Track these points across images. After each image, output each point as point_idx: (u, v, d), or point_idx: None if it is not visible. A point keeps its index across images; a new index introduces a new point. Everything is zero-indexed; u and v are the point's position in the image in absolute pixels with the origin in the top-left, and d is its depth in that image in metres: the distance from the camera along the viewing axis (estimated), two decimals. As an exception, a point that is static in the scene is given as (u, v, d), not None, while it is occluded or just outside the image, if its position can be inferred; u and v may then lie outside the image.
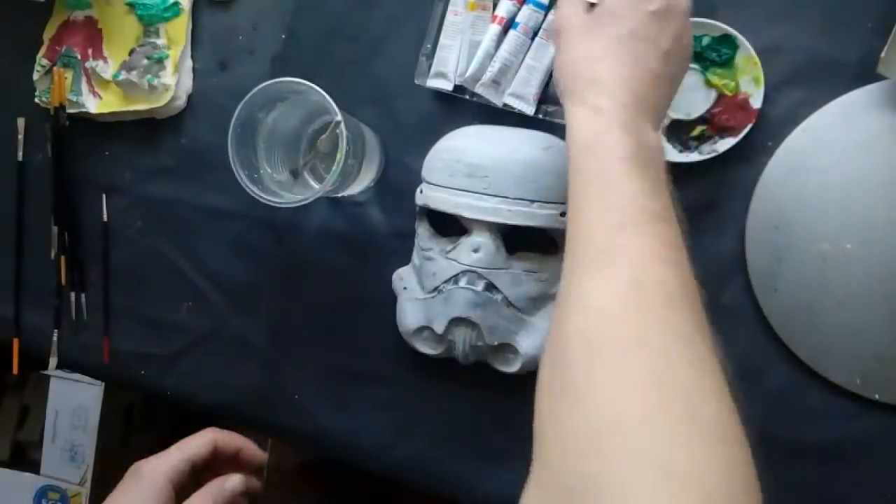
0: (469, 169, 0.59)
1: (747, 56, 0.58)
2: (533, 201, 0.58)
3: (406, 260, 0.67)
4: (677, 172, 0.59)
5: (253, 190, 0.58)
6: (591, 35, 0.48)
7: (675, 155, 0.60)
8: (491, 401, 0.65)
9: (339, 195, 0.65)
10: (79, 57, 0.72)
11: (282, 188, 0.63)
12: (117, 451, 1.19)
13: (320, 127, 0.66)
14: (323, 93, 0.56)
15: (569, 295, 0.42)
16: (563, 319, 0.41)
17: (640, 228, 0.42)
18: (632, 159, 0.44)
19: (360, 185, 0.65)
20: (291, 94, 0.60)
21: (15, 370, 0.76)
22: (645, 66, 0.47)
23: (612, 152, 0.44)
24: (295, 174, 0.64)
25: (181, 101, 0.72)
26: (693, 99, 0.60)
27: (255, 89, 0.58)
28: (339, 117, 0.56)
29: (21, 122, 0.76)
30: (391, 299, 0.66)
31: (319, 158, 0.65)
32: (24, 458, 1.25)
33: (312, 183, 0.66)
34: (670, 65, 0.48)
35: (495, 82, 0.63)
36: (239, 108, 0.58)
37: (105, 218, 0.74)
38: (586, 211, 0.44)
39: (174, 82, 0.70)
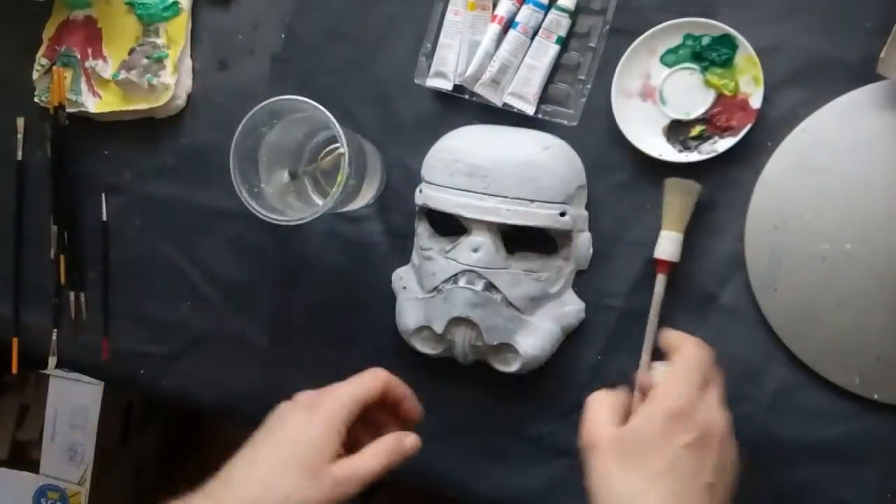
0: (469, 169, 0.59)
1: (747, 56, 0.58)
2: (532, 201, 0.58)
3: (405, 260, 0.67)
4: (677, 172, 0.60)
5: (252, 205, 0.58)
6: (625, 464, 0.46)
7: (675, 155, 0.60)
8: (490, 400, 0.65)
9: (340, 211, 0.65)
10: (78, 56, 0.72)
11: (279, 195, 0.63)
12: (117, 451, 1.19)
13: (323, 140, 0.66)
14: (329, 115, 0.56)
15: None
16: None
17: None
18: None
19: (360, 202, 0.65)
20: (295, 110, 0.60)
21: (14, 369, 0.76)
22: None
23: None
24: (293, 176, 0.64)
25: (181, 101, 0.72)
26: (692, 99, 0.60)
27: (259, 106, 0.58)
28: (343, 148, 0.56)
29: (20, 121, 0.76)
30: (390, 299, 0.66)
31: (321, 172, 0.65)
32: (24, 457, 1.25)
33: (312, 193, 0.66)
34: (716, 496, 0.45)
35: (495, 82, 0.63)
36: (241, 124, 0.58)
37: (104, 217, 0.74)
38: None
39: (174, 82, 0.70)
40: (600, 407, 0.50)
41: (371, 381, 0.52)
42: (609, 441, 0.47)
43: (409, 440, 0.52)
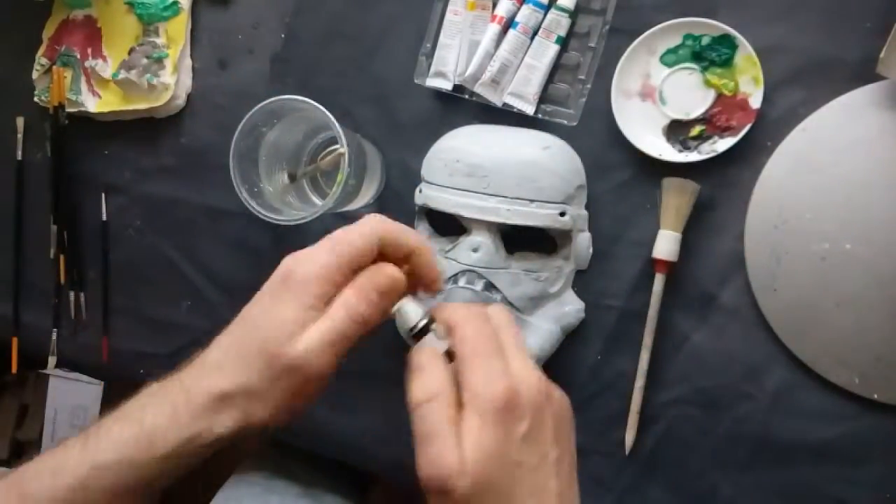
0: (468, 168, 0.59)
1: (747, 56, 0.58)
2: (532, 201, 0.58)
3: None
4: (677, 172, 0.60)
5: (252, 205, 0.58)
6: (489, 494, 0.38)
7: (675, 155, 0.60)
8: (490, 400, 0.65)
9: (339, 211, 0.65)
10: (78, 56, 0.72)
11: (278, 195, 0.63)
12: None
13: (323, 141, 0.66)
14: (329, 114, 0.56)
15: None
16: None
17: None
18: None
19: (360, 201, 0.65)
20: (295, 110, 0.60)
21: (14, 369, 0.76)
22: (564, 496, 0.39)
23: None
24: (293, 178, 0.64)
25: (180, 101, 0.72)
26: (692, 99, 0.60)
27: (259, 106, 0.58)
28: (343, 148, 0.56)
29: (20, 121, 0.76)
30: (390, 299, 0.66)
31: (320, 173, 0.65)
32: (24, 457, 1.25)
33: (310, 193, 0.66)
34: (565, 462, 0.41)
35: (495, 81, 0.63)
36: (241, 123, 0.58)
37: (104, 217, 0.74)
38: None
39: (173, 81, 0.70)
40: (441, 422, 0.39)
41: (359, 238, 0.43)
42: (464, 477, 0.37)
43: (386, 270, 0.42)
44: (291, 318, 0.41)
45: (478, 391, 0.39)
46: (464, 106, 0.65)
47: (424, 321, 0.43)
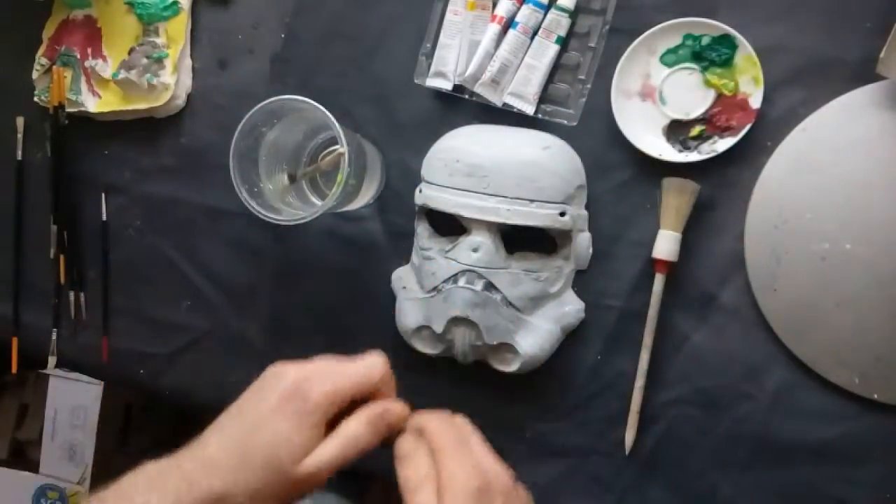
0: (468, 168, 0.59)
1: (747, 56, 0.58)
2: (532, 201, 0.58)
3: (405, 259, 0.67)
4: (677, 172, 0.60)
5: (252, 205, 0.58)
6: None
7: (675, 155, 0.60)
8: (490, 400, 0.65)
9: (339, 211, 0.65)
10: (78, 56, 0.72)
11: (278, 195, 0.63)
12: (116, 451, 1.19)
13: (323, 141, 0.66)
14: (329, 114, 0.56)
15: None
16: None
17: None
18: None
19: (360, 202, 0.65)
20: (295, 110, 0.60)
21: (14, 369, 0.76)
22: None
23: None
24: (292, 179, 0.64)
25: (180, 101, 0.72)
26: (692, 99, 0.60)
27: (259, 105, 0.58)
28: (343, 148, 0.56)
29: (20, 120, 0.76)
30: (390, 298, 0.66)
31: (320, 173, 0.65)
32: (23, 456, 1.25)
33: (310, 194, 0.66)
34: None
35: (495, 81, 0.63)
36: (241, 123, 0.58)
37: (104, 217, 0.74)
38: None
39: (173, 81, 0.70)
40: None
41: (365, 376, 0.47)
42: None
43: (394, 409, 0.46)
44: (301, 441, 0.44)
45: (456, 476, 0.43)
46: (464, 106, 0.65)
47: None
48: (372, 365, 0.47)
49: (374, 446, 0.45)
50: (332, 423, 0.45)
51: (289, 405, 0.45)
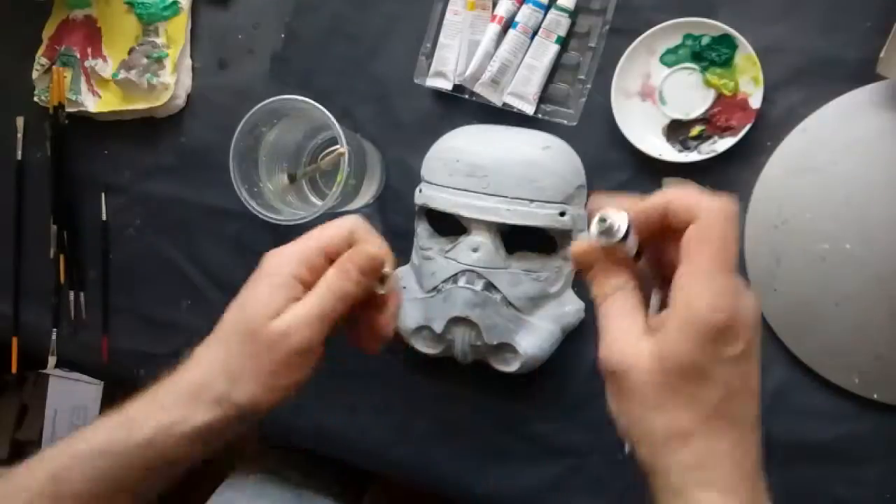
0: (468, 168, 0.59)
1: (746, 56, 0.58)
2: (532, 201, 0.58)
3: (405, 259, 0.67)
4: (677, 172, 0.60)
5: (252, 205, 0.58)
6: (668, 397, 0.36)
7: (674, 155, 0.60)
8: (490, 400, 0.65)
9: (339, 211, 0.65)
10: (78, 56, 0.72)
11: (278, 195, 0.63)
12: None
13: (323, 141, 0.66)
14: (328, 114, 0.56)
15: None
16: None
17: None
18: None
19: (360, 201, 0.65)
20: (295, 109, 0.60)
21: (14, 369, 0.76)
22: (744, 427, 0.37)
23: None
24: (292, 179, 0.64)
25: (180, 100, 0.72)
26: (692, 99, 0.60)
27: (259, 105, 0.58)
28: (343, 147, 0.56)
29: (20, 120, 0.76)
30: (390, 299, 0.66)
31: (320, 173, 0.65)
32: (23, 456, 1.24)
33: (310, 194, 0.66)
34: (756, 398, 0.37)
35: (495, 81, 0.63)
36: (241, 123, 0.58)
37: (104, 217, 0.74)
38: None
39: (173, 81, 0.70)
40: (624, 311, 0.38)
41: (331, 227, 0.45)
42: (648, 364, 0.36)
43: (368, 249, 0.44)
44: (267, 295, 0.43)
45: (698, 306, 0.35)
46: (464, 106, 0.65)
47: (625, 228, 0.38)
48: (340, 222, 0.46)
49: (358, 294, 0.44)
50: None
51: (256, 276, 0.45)
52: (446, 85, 0.65)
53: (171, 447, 0.42)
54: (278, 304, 0.43)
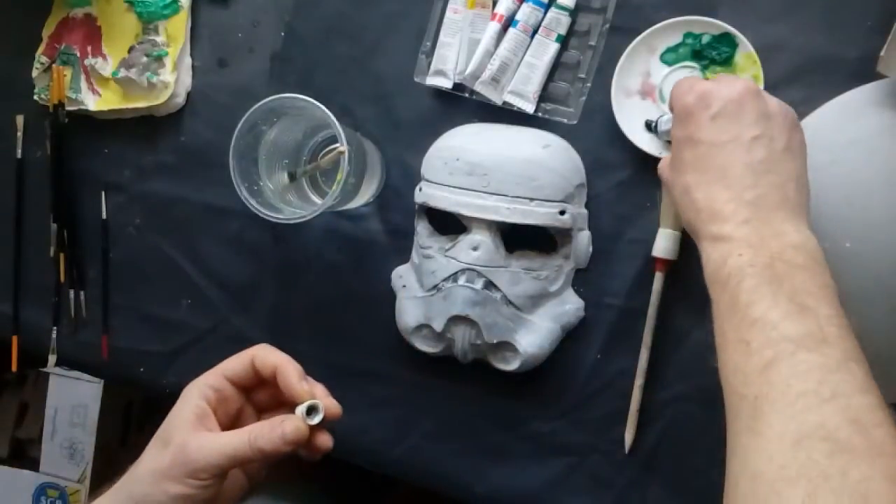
0: (468, 167, 0.59)
1: (747, 54, 0.58)
2: (532, 199, 0.58)
3: (405, 258, 0.67)
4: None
5: (252, 203, 0.58)
6: (679, 170, 0.49)
7: (675, 153, 0.60)
8: (490, 399, 0.65)
9: (339, 209, 0.65)
10: (78, 54, 0.72)
11: (278, 193, 0.63)
12: (116, 449, 1.19)
13: (323, 140, 0.66)
14: (328, 113, 0.56)
15: (733, 454, 0.39)
16: (733, 484, 0.38)
17: (785, 366, 0.38)
18: (762, 281, 0.41)
19: (359, 200, 0.65)
20: (294, 108, 0.60)
21: (14, 367, 0.76)
22: (764, 170, 0.46)
23: (739, 282, 0.42)
24: (292, 177, 0.64)
25: (180, 99, 0.72)
26: (693, 97, 0.60)
27: (259, 104, 0.58)
28: (343, 146, 0.56)
29: (20, 119, 0.76)
30: (390, 297, 0.66)
31: (320, 172, 0.65)
32: (24, 455, 1.25)
33: (309, 192, 0.66)
34: (794, 157, 0.47)
35: (495, 80, 0.63)
36: (241, 122, 0.58)
37: (104, 215, 0.74)
38: (728, 353, 0.42)
39: (173, 80, 0.70)
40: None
41: (234, 361, 0.51)
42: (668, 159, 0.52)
43: (285, 426, 0.47)
44: (179, 412, 0.49)
45: (670, 101, 0.51)
46: (464, 104, 0.65)
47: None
48: (240, 356, 0.51)
49: (274, 456, 0.47)
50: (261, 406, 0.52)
51: (180, 397, 0.50)
52: (446, 83, 0.65)
53: None
54: (189, 417, 0.48)
